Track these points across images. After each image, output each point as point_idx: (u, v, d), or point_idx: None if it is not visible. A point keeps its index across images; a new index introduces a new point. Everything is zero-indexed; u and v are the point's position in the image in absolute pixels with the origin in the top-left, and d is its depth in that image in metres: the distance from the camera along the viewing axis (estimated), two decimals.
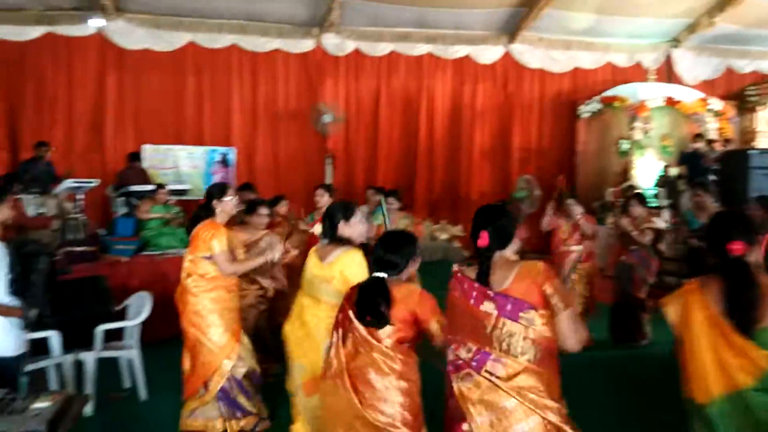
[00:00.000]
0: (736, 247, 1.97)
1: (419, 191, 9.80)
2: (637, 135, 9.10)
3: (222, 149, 9.35)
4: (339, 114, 9.32)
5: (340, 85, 9.76)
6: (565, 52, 10.31)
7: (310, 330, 2.87)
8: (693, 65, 10.66)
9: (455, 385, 1.99)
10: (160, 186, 6.76)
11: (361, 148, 9.89)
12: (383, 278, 2.27)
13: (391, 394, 2.18)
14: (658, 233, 5.18)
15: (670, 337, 2.29)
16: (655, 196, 8.25)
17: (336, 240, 2.91)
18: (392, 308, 2.20)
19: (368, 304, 2.23)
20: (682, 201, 7.33)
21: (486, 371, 1.93)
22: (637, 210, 5.18)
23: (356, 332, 2.24)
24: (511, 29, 9.86)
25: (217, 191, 3.54)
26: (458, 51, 9.92)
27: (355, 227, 2.94)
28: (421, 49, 9.83)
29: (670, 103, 9.22)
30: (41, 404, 2.33)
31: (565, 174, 9.96)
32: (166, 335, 4.39)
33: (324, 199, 5.17)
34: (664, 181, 8.30)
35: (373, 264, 2.36)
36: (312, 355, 2.82)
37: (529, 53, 10.16)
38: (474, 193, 10.01)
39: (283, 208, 5.16)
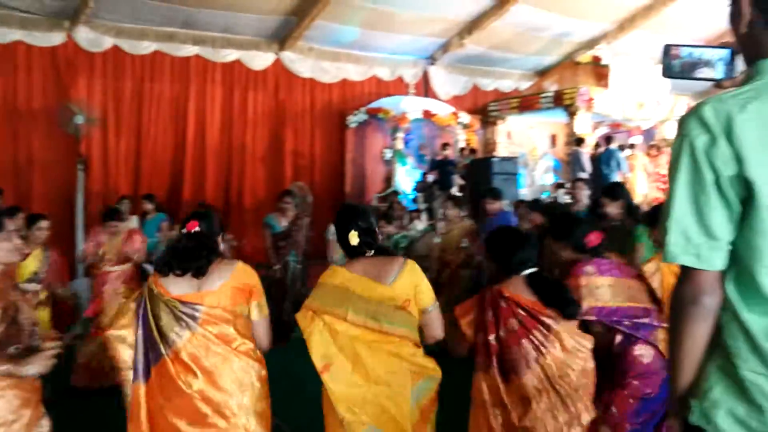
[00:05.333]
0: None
1: (187, 198, 10.56)
2: (399, 144, 11.18)
3: None
4: (93, 115, 9.70)
5: (96, 84, 10.19)
6: (334, 63, 12.11)
7: (384, 377, 2.54)
8: (445, 81, 13.31)
9: None
10: None
11: (122, 152, 10.42)
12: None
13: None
14: None
15: None
16: (414, 200, 10.29)
17: (381, 250, 2.82)
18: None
19: (558, 296, 2.72)
20: (435, 205, 9.39)
21: None
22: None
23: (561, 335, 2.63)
24: (281, 37, 11.26)
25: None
26: (228, 55, 11.07)
27: None
28: (188, 50, 10.74)
29: (427, 115, 11.49)
30: None
31: (337, 181, 11.69)
32: None
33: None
34: (421, 187, 10.39)
35: (520, 262, 2.82)
36: (395, 414, 2.52)
37: (300, 62, 11.72)
38: (247, 201, 11.19)
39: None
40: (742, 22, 1.37)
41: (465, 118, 12.00)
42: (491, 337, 2.67)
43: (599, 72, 12.46)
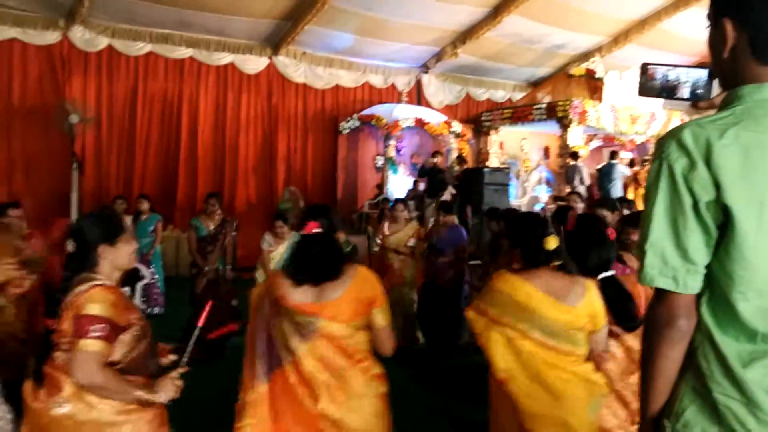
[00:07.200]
0: None
1: (181, 200, 11.05)
2: (391, 152, 11.76)
3: None
4: (88, 114, 10.19)
5: (91, 83, 10.75)
6: (327, 69, 12.74)
7: (562, 396, 2.63)
8: (438, 90, 14.01)
9: None
10: None
11: (114, 152, 10.96)
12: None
13: None
14: None
15: None
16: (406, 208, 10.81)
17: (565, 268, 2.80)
18: None
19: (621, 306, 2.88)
20: (427, 212, 9.93)
21: None
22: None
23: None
24: (275, 41, 11.83)
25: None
26: (222, 58, 11.66)
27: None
28: (182, 52, 11.32)
29: (420, 123, 12.06)
30: None
31: (328, 186, 12.22)
32: None
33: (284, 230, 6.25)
34: (413, 195, 10.92)
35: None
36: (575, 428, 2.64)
37: (293, 67, 12.34)
38: (239, 203, 11.74)
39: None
40: (725, 47, 1.40)
41: (457, 127, 12.62)
42: None
43: (593, 85, 13.09)
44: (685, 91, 1.55)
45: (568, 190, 11.71)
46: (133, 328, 2.36)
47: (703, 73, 1.54)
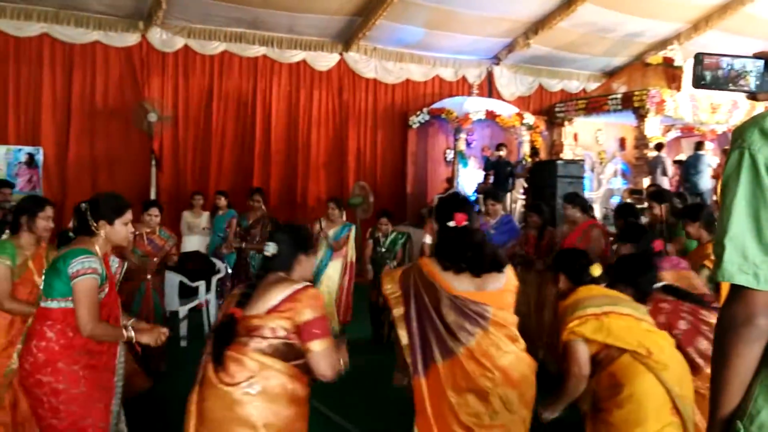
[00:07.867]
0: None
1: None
2: (461, 145, 11.74)
3: (28, 149, 10.06)
4: (166, 113, 10.59)
5: (168, 82, 11.15)
6: (397, 63, 12.83)
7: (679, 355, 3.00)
8: (510, 82, 13.89)
9: None
10: None
11: (190, 149, 11.35)
12: None
13: None
14: None
15: None
16: (476, 201, 10.78)
17: None
18: None
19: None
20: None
21: None
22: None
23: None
24: (346, 37, 11.98)
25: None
26: (294, 55, 11.90)
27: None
28: (255, 50, 11.61)
29: (491, 116, 11.99)
30: None
31: (398, 181, 12.30)
32: None
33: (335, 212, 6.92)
34: (483, 188, 10.86)
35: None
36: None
37: (364, 62, 12.48)
38: (311, 198, 11.98)
39: None
40: None
41: (530, 119, 12.46)
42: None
43: (671, 73, 12.67)
44: (742, 82, 1.48)
45: (648, 181, 11.44)
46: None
47: (760, 64, 1.47)
